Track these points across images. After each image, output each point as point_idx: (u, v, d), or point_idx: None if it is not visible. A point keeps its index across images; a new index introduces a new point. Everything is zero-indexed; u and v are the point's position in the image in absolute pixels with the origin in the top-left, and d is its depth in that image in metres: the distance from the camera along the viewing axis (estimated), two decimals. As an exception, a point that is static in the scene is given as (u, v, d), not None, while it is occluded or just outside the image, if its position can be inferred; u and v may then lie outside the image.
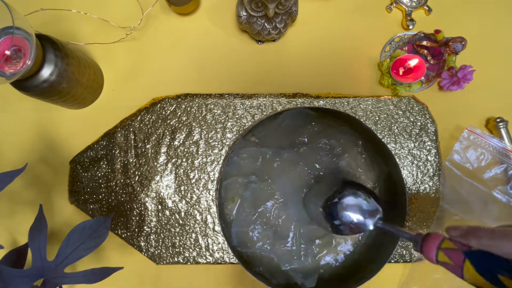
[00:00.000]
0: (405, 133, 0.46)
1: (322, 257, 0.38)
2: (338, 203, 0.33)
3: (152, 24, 0.50)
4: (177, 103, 0.46)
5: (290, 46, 0.50)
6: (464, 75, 0.45)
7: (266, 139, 0.38)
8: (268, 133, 0.38)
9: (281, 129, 0.38)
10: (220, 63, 0.49)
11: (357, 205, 0.32)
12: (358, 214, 0.32)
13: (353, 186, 0.34)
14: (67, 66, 0.40)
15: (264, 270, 0.36)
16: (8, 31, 0.35)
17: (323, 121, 0.37)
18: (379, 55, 0.50)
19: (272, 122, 0.37)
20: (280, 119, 0.37)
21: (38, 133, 0.48)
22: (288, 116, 0.36)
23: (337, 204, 0.33)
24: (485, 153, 0.46)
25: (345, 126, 0.37)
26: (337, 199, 0.33)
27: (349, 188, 0.33)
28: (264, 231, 0.38)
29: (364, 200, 0.32)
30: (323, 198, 0.34)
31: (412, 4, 0.50)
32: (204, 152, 0.46)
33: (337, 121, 0.37)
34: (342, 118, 0.36)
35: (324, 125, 0.38)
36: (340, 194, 0.33)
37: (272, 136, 0.38)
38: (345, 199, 0.32)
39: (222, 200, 0.38)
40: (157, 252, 0.44)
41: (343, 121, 0.37)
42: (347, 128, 0.37)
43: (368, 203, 0.32)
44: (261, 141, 0.38)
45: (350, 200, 0.32)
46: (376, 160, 0.37)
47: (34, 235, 0.37)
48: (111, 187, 0.45)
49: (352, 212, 0.32)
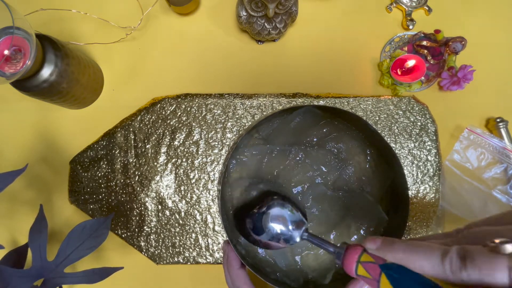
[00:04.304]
0: (405, 133, 0.46)
1: None
2: (265, 214, 0.31)
3: (152, 24, 0.50)
4: (177, 103, 0.46)
5: (290, 46, 0.50)
6: (464, 75, 0.45)
7: (273, 137, 0.37)
8: (275, 131, 0.37)
9: (289, 128, 0.37)
10: (220, 63, 0.49)
11: (283, 217, 0.31)
12: (283, 226, 0.31)
13: (280, 196, 0.33)
14: (67, 66, 0.40)
15: (281, 275, 0.35)
16: (8, 31, 0.35)
17: (333, 123, 0.37)
18: (379, 55, 0.50)
19: (281, 120, 0.36)
20: (290, 118, 0.36)
21: (38, 133, 0.48)
22: (297, 115, 0.36)
23: (263, 214, 0.31)
24: (485, 152, 0.46)
25: (354, 130, 0.36)
26: (265, 209, 0.31)
27: (277, 198, 0.32)
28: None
29: (290, 212, 0.31)
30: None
31: (412, 4, 0.50)
32: (204, 152, 0.46)
33: (346, 124, 0.37)
34: (350, 120, 0.36)
35: (333, 127, 0.37)
36: (269, 203, 0.32)
37: (279, 134, 0.37)
38: (272, 209, 0.31)
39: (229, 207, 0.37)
40: (157, 252, 0.44)
41: (352, 124, 0.36)
42: (356, 133, 0.36)
43: (293, 214, 0.31)
44: (268, 139, 0.37)
45: (277, 211, 0.31)
46: (381, 168, 0.37)
47: (34, 235, 0.37)
48: (111, 187, 0.45)
49: (278, 224, 0.31)
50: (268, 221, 0.31)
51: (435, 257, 0.18)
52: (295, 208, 0.32)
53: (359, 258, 0.22)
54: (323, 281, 0.34)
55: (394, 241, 0.20)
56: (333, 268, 0.35)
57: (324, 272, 0.35)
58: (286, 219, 0.31)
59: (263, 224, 0.31)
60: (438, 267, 0.17)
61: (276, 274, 0.34)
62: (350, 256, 0.22)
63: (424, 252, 0.18)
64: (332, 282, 0.33)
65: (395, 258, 0.19)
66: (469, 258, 0.16)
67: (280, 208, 0.31)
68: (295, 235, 0.30)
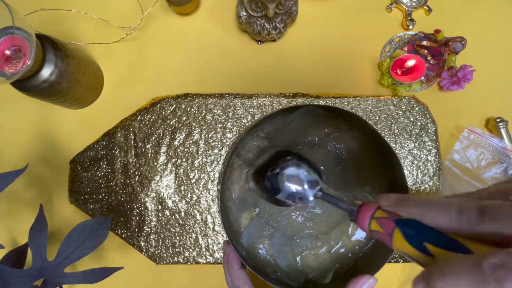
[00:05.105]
0: (405, 133, 0.46)
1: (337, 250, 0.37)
2: (279, 174, 0.33)
3: (152, 24, 0.50)
4: (177, 103, 0.46)
5: (290, 46, 0.50)
6: (464, 75, 0.45)
7: (275, 136, 0.37)
8: (277, 130, 0.37)
9: (291, 127, 0.37)
10: (220, 63, 0.49)
11: (298, 176, 0.32)
12: (298, 185, 0.32)
13: (296, 157, 0.34)
14: (67, 66, 0.40)
15: (282, 275, 0.36)
16: (8, 31, 0.35)
17: (334, 123, 0.37)
18: (379, 55, 0.50)
19: (283, 119, 0.36)
20: (291, 117, 0.36)
21: (38, 133, 0.48)
22: (298, 114, 0.36)
23: (278, 174, 0.33)
24: (485, 152, 0.46)
25: (354, 130, 0.36)
26: (278, 170, 0.33)
27: (293, 159, 0.34)
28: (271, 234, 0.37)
29: (306, 172, 0.32)
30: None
31: (412, 4, 0.50)
32: (204, 152, 0.46)
33: (346, 124, 0.37)
34: (350, 120, 0.36)
35: (334, 127, 0.37)
36: (283, 164, 0.33)
37: (281, 133, 0.37)
38: (287, 169, 0.33)
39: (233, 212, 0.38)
40: (157, 252, 0.44)
41: (352, 124, 0.36)
42: (356, 133, 0.36)
43: (309, 174, 0.32)
44: (269, 137, 0.37)
45: (292, 170, 0.33)
46: (381, 168, 0.36)
47: (34, 235, 0.37)
48: (111, 187, 0.45)
49: (293, 184, 0.32)
50: (284, 180, 0.32)
51: (451, 212, 0.17)
52: (310, 168, 0.33)
53: (373, 214, 0.22)
54: (323, 281, 0.34)
55: (409, 197, 0.20)
56: (333, 268, 0.35)
57: (324, 272, 0.35)
58: (302, 178, 0.32)
59: (279, 183, 0.32)
60: (455, 221, 0.17)
61: (276, 274, 0.34)
62: (364, 213, 0.22)
63: (441, 206, 0.18)
64: (332, 282, 0.33)
65: (410, 213, 0.19)
66: (488, 211, 0.16)
67: (296, 168, 0.33)
68: (309, 194, 0.31)
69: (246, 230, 0.36)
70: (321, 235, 0.36)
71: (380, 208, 0.22)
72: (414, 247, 0.19)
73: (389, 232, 0.20)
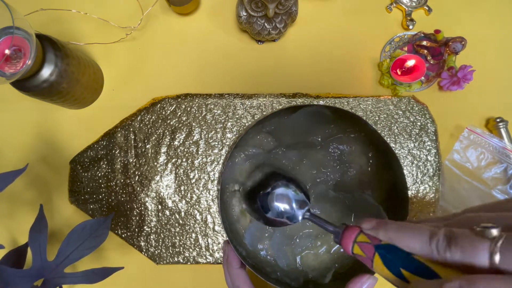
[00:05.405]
0: (405, 133, 0.46)
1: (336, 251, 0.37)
2: (270, 194, 0.33)
3: (152, 24, 0.50)
4: (177, 103, 0.46)
5: (290, 46, 0.50)
6: (464, 75, 0.45)
7: (279, 135, 0.37)
8: (280, 128, 0.37)
9: (294, 126, 0.37)
10: (220, 63, 0.49)
11: (287, 197, 0.33)
12: (288, 205, 0.33)
13: (284, 178, 0.35)
14: (67, 66, 0.40)
15: (282, 275, 0.36)
16: (8, 31, 0.35)
17: (335, 123, 0.37)
18: (379, 55, 0.50)
19: (287, 118, 0.36)
20: (293, 117, 0.36)
21: (38, 133, 0.48)
22: (301, 114, 0.36)
23: (268, 194, 0.34)
24: (485, 152, 0.46)
25: (354, 131, 0.36)
26: (270, 189, 0.34)
27: (282, 179, 0.35)
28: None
29: (294, 192, 0.33)
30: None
31: (412, 4, 0.50)
32: (204, 152, 0.46)
33: (347, 124, 0.36)
34: (351, 120, 0.35)
35: (335, 128, 0.37)
36: (274, 184, 0.34)
37: (284, 131, 0.37)
38: (277, 189, 0.34)
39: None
40: (157, 252, 0.44)
41: (352, 124, 0.36)
42: (357, 134, 0.36)
43: (297, 194, 0.33)
44: (273, 135, 0.37)
45: (282, 190, 0.33)
46: (382, 169, 0.36)
47: (34, 235, 0.37)
48: (111, 187, 0.45)
49: (283, 203, 0.33)
50: (273, 200, 0.33)
51: (424, 237, 0.19)
52: (298, 189, 0.34)
53: (356, 238, 0.23)
54: (323, 280, 0.34)
55: (387, 221, 0.21)
56: (333, 267, 0.35)
57: (324, 272, 0.35)
58: (291, 198, 0.33)
59: (269, 203, 0.33)
60: (426, 247, 0.18)
61: (276, 274, 0.34)
62: (348, 236, 0.24)
63: (414, 232, 0.19)
64: (332, 282, 0.33)
65: (387, 237, 0.20)
66: (454, 239, 0.17)
67: (285, 188, 0.34)
68: (298, 214, 0.32)
69: (247, 230, 0.36)
70: (320, 235, 0.36)
71: (362, 231, 0.23)
72: (392, 273, 0.20)
73: (370, 256, 0.21)
